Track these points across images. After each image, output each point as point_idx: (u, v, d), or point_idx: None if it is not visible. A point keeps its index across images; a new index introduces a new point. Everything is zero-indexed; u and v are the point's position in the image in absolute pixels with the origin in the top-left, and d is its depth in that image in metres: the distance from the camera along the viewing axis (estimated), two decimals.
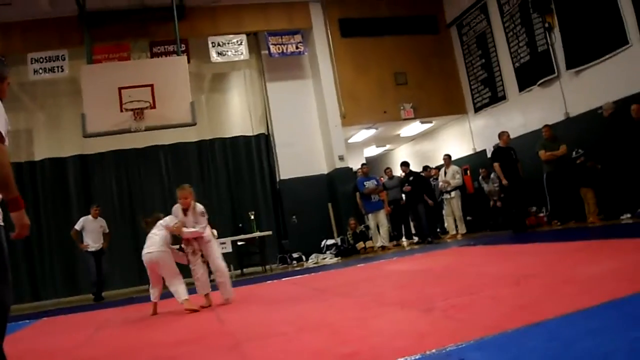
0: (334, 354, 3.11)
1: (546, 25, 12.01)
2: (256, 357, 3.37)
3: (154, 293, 6.80)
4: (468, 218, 14.19)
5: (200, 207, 6.75)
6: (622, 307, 3.13)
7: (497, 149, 11.95)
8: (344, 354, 3.08)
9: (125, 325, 6.25)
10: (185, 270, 6.82)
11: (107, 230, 11.82)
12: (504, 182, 11.34)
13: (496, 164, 11.51)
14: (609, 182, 10.28)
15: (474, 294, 4.42)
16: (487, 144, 14.35)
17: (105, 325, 6.46)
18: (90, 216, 11.58)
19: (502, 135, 11.89)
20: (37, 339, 6.02)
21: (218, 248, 7.15)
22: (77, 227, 11.44)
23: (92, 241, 11.43)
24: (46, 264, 13.27)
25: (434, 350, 2.80)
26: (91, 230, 11.48)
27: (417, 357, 2.76)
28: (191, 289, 6.69)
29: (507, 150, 11.68)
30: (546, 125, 11.54)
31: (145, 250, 6.70)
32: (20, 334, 6.22)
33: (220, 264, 6.77)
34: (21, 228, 3.16)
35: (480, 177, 13.85)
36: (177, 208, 6.73)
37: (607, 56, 10.72)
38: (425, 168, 15.31)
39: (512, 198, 11.59)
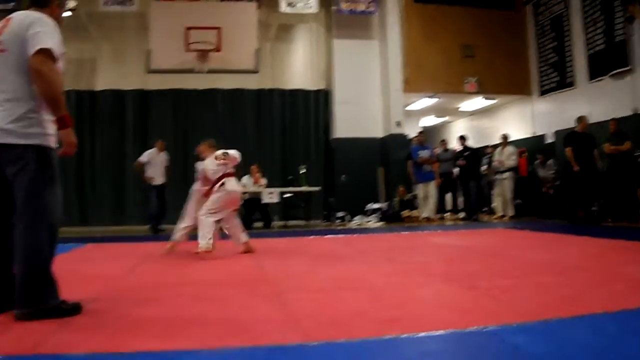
0: (375, 317, 3.12)
1: (627, 15, 11.59)
2: (296, 308, 3.40)
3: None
4: (517, 201, 13.99)
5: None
6: None
7: (571, 133, 11.50)
8: (384, 318, 3.09)
9: (168, 260, 6.36)
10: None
11: (168, 164, 11.92)
12: (575, 168, 10.95)
13: (568, 149, 11.07)
14: None
15: (517, 278, 4.38)
16: (548, 129, 14.06)
17: (148, 258, 6.58)
18: (155, 149, 11.67)
19: (581, 119, 11.32)
20: (81, 263, 6.16)
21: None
22: (143, 159, 11.55)
23: (157, 174, 11.54)
24: (97, 192, 13.61)
25: (476, 328, 2.79)
26: (156, 164, 11.58)
27: (459, 332, 2.76)
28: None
29: (583, 137, 11.28)
30: (613, 119, 11.20)
31: (233, 187, 6.77)
32: (65, 256, 6.39)
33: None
34: (68, 146, 3.34)
35: (537, 162, 13.60)
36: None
37: None
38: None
39: (578, 187, 11.23)
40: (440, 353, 2.52)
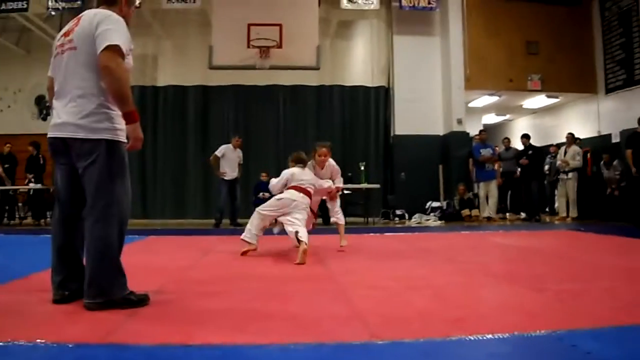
0: (440, 317, 3.09)
1: None
2: (361, 305, 3.38)
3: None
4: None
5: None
6: None
7: (633, 134, 11.23)
8: (450, 318, 3.05)
9: (230, 254, 6.39)
10: None
11: (242, 162, 12.07)
12: (633, 170, 10.71)
13: (629, 151, 10.86)
14: None
15: (587, 282, 4.28)
16: (614, 129, 13.70)
17: (211, 251, 6.68)
18: (231, 145, 11.83)
19: None
20: (144, 255, 6.24)
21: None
22: (218, 153, 11.68)
23: (230, 169, 11.68)
24: (158, 185, 13.91)
25: (545, 332, 2.73)
26: (230, 159, 11.73)
27: (527, 335, 2.71)
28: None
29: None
30: None
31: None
32: (127, 248, 6.54)
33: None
34: (135, 140, 3.41)
35: (602, 163, 13.26)
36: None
37: None
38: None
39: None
40: (509, 356, 2.47)
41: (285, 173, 6.89)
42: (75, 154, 3.35)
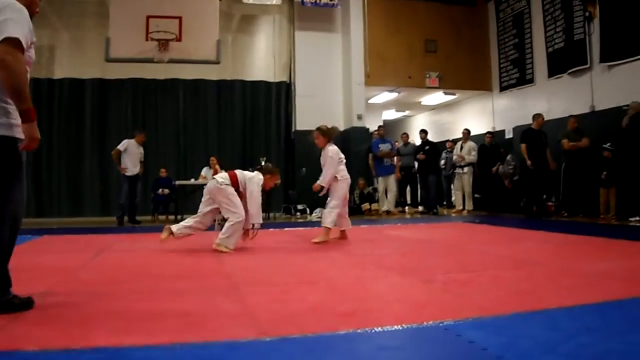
0: (332, 311, 3.12)
1: (587, 14, 11.76)
2: (253, 302, 3.37)
3: None
4: (476, 196, 14.15)
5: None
6: (623, 309, 3.12)
7: (528, 130, 11.71)
8: (341, 312, 3.09)
9: (125, 252, 6.29)
10: None
11: (144, 159, 11.75)
12: (528, 163, 11.18)
13: (523, 145, 11.32)
14: (627, 182, 10.19)
15: (475, 272, 4.42)
16: (507, 125, 14.25)
17: (106, 250, 6.50)
18: (134, 140, 11.47)
19: (536, 117, 11.56)
20: (37, 255, 6.02)
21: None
22: (121, 147, 11.30)
23: (132, 165, 11.31)
24: (53, 182, 13.39)
25: (431, 322, 2.80)
26: (132, 154, 11.37)
27: (415, 326, 2.77)
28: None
29: (538, 134, 11.51)
30: (572, 116, 11.41)
31: None
32: (20, 248, 6.27)
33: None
34: (30, 140, 3.15)
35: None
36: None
37: None
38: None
39: (532, 183, 11.44)
40: (396, 349, 2.51)
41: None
42: None
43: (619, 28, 11.06)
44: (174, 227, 6.36)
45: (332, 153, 7.38)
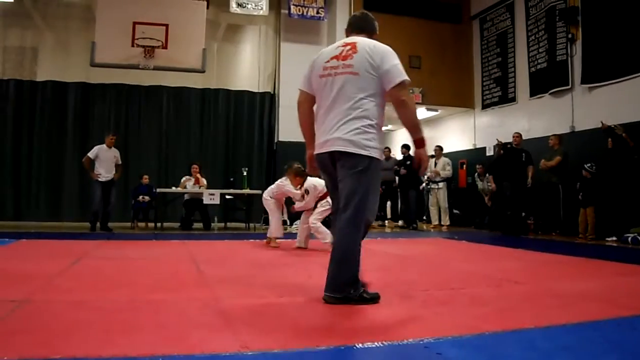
0: (311, 326, 3.13)
1: (569, 35, 11.93)
2: (234, 315, 3.37)
3: None
4: (456, 212, 14.24)
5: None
6: (601, 330, 3.16)
7: (496, 160, 11.98)
8: (321, 327, 3.10)
9: (105, 260, 6.23)
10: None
11: (120, 162, 11.65)
12: (492, 186, 11.44)
13: (491, 177, 11.69)
14: (606, 202, 10.35)
15: (454, 289, 4.45)
16: (489, 142, 14.35)
17: (84, 257, 6.44)
18: (105, 145, 11.35)
19: (514, 136, 11.87)
20: (15, 260, 5.99)
21: None
22: (91, 155, 11.18)
23: (105, 171, 11.20)
24: (32, 186, 13.26)
25: (412, 340, 2.82)
26: (104, 160, 11.24)
27: (396, 343, 2.78)
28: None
29: (517, 152, 11.65)
30: (554, 135, 11.56)
31: None
32: None
33: None
34: (423, 162, 3.93)
35: (476, 174, 13.87)
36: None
37: (623, 79, 10.69)
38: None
39: (511, 200, 11.57)
40: None
41: (312, 189, 7.85)
42: (343, 164, 3.74)
43: (601, 50, 11.23)
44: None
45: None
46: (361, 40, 3.86)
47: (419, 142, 3.86)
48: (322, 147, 3.84)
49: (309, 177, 7.73)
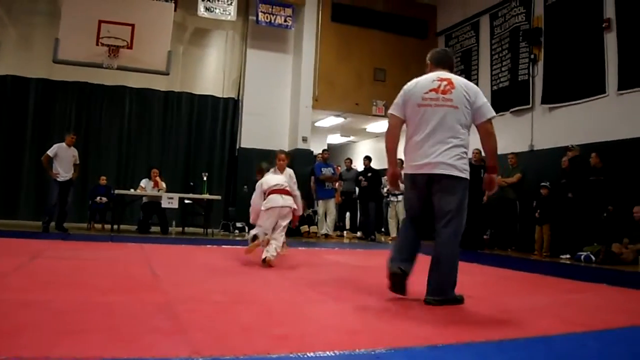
0: (264, 333, 3.10)
1: (532, 56, 12.16)
2: (186, 320, 3.34)
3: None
4: None
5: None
6: (551, 345, 3.19)
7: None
8: (274, 335, 3.07)
9: (59, 260, 6.15)
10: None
11: (78, 162, 11.43)
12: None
13: None
14: (561, 220, 10.54)
15: (408, 301, 4.46)
16: None
17: (38, 256, 6.33)
18: (64, 144, 11.11)
19: (474, 153, 11.96)
20: None
21: None
22: (50, 153, 10.94)
23: (63, 170, 10.95)
24: None
25: (364, 350, 2.82)
26: (63, 158, 11.00)
27: (347, 353, 2.78)
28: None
29: (476, 168, 11.77)
30: (512, 153, 11.72)
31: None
32: None
33: None
34: (495, 186, 4.59)
35: None
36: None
37: (582, 100, 10.97)
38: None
39: (468, 216, 11.68)
40: None
41: (258, 185, 7.40)
42: (442, 186, 4.30)
43: (561, 72, 11.48)
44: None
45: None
46: (454, 77, 4.44)
47: (494, 169, 4.54)
48: (422, 169, 4.35)
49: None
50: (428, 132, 4.31)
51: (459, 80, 4.44)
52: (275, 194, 7.06)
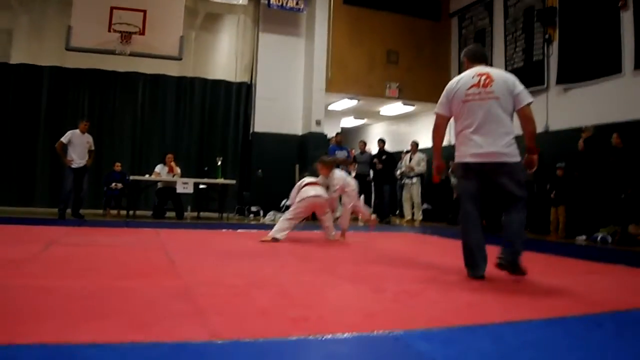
0: (281, 316, 3.11)
1: (546, 36, 12.04)
2: (204, 304, 3.35)
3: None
4: (428, 206, 14.32)
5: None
6: (568, 326, 3.18)
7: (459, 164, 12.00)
8: (291, 317, 3.08)
9: (75, 247, 6.19)
10: None
11: (93, 148, 11.39)
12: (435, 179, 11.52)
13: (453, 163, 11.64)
14: (577, 201, 10.46)
15: (424, 283, 4.46)
16: None
17: (55, 243, 6.38)
18: (78, 130, 11.13)
19: None
20: None
21: None
22: (64, 140, 10.95)
23: (78, 157, 10.96)
24: (3, 171, 13.09)
25: (382, 332, 2.82)
26: (77, 145, 11.01)
27: (365, 335, 2.78)
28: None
29: None
30: None
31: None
32: None
33: None
34: (534, 166, 4.88)
35: (450, 170, 13.91)
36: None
37: (598, 80, 10.84)
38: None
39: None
40: (346, 356, 2.52)
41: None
42: (501, 172, 4.65)
43: (576, 52, 11.36)
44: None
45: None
46: (492, 70, 4.87)
47: (534, 149, 4.82)
48: (476, 158, 4.69)
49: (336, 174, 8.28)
50: (478, 124, 4.66)
51: (496, 72, 4.85)
52: (309, 186, 7.76)
